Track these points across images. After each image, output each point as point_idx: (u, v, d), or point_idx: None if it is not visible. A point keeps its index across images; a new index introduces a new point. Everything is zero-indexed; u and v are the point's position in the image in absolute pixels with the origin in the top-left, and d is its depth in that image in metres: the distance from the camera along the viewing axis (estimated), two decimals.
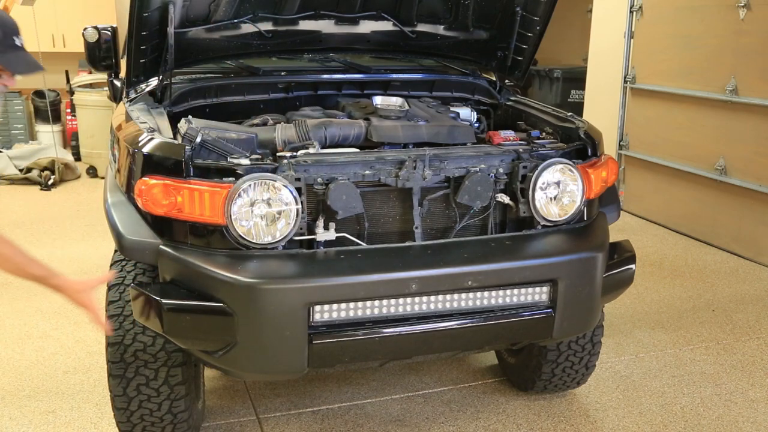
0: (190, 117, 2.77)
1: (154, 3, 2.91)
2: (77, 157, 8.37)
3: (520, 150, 2.79)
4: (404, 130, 2.92)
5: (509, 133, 3.07)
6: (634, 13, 6.58)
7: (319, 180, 2.55)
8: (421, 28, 3.67)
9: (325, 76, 3.63)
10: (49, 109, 8.42)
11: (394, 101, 3.21)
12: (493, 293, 2.59)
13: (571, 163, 2.77)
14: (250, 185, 2.43)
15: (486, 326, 2.61)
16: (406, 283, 2.47)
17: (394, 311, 2.51)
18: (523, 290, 2.63)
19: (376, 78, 3.64)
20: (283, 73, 3.58)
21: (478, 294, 2.58)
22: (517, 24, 3.53)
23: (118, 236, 2.54)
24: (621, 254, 2.95)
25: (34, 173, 7.66)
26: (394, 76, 3.69)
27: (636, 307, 4.58)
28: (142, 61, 3.15)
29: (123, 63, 3.51)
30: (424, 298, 2.52)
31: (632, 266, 2.93)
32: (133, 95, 3.29)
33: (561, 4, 3.52)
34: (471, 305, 2.58)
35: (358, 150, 2.81)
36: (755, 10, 5.34)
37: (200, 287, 2.42)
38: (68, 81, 7.44)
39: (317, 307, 2.42)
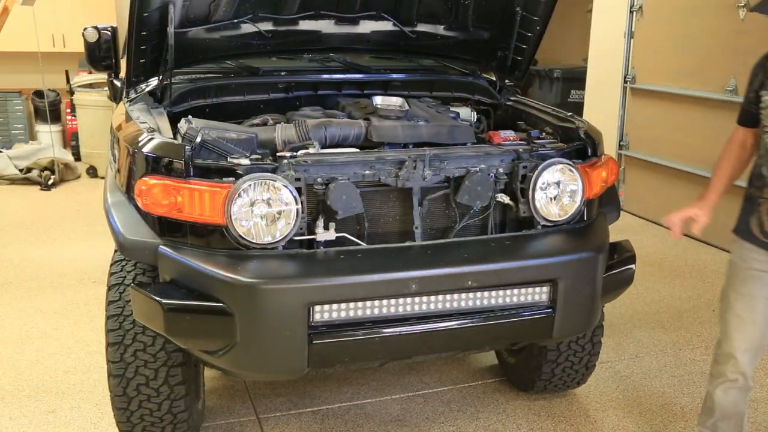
0: (190, 117, 2.77)
1: (154, 3, 2.90)
2: (77, 157, 8.37)
3: (520, 150, 2.78)
4: (404, 130, 2.92)
5: (509, 133, 3.06)
6: (634, 13, 6.58)
7: (319, 180, 2.55)
8: (421, 28, 3.67)
9: (325, 76, 3.63)
10: (48, 109, 8.42)
11: (394, 101, 3.21)
12: (493, 293, 2.59)
13: (571, 163, 2.77)
14: (250, 185, 2.42)
15: (486, 326, 2.61)
16: (406, 283, 2.46)
17: (394, 311, 2.50)
18: (523, 290, 2.63)
19: (376, 78, 3.64)
20: (283, 73, 3.58)
21: (478, 294, 2.57)
22: (517, 24, 3.53)
23: (118, 236, 2.54)
24: (621, 254, 2.95)
25: (34, 173, 7.66)
26: (394, 76, 3.69)
27: (636, 307, 4.58)
28: (142, 61, 3.14)
29: (123, 63, 3.51)
30: (424, 298, 2.52)
31: (632, 266, 2.93)
32: (133, 95, 3.28)
33: (561, 4, 3.51)
34: (471, 305, 2.58)
35: (358, 150, 2.81)
36: None
37: (200, 287, 2.42)
38: (68, 81, 7.44)
39: (317, 307, 2.42)
